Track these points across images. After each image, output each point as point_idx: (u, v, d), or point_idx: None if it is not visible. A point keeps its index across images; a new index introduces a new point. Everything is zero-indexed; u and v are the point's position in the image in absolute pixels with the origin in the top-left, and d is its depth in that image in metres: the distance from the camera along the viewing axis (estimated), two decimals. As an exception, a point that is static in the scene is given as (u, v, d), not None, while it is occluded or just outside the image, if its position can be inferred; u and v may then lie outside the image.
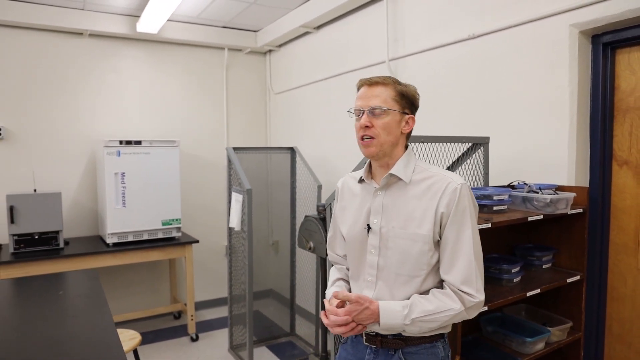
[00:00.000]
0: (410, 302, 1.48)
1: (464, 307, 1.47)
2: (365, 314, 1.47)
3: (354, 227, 1.64)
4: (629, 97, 2.39)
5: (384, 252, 1.55)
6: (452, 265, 1.48)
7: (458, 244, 1.48)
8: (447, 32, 3.09)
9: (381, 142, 1.53)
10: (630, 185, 2.40)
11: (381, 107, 1.52)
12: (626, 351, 2.45)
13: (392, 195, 1.57)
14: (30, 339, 2.05)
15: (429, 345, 1.56)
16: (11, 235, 3.80)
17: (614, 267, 2.48)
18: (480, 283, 1.49)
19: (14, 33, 4.26)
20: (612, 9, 2.22)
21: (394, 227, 1.54)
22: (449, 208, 1.47)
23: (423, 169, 1.57)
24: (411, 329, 1.47)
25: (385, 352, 1.57)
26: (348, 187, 1.74)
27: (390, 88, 1.54)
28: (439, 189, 1.50)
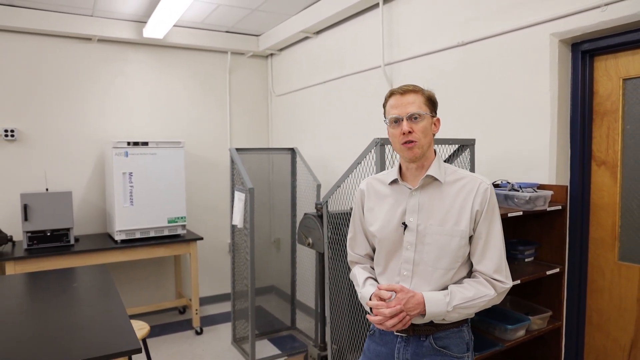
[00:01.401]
0: (450, 290, 1.62)
1: (497, 292, 1.63)
2: (412, 303, 1.59)
3: (387, 226, 1.74)
4: (606, 101, 2.55)
5: (420, 248, 1.67)
6: (484, 256, 1.65)
7: (489, 238, 1.64)
8: (438, 39, 3.26)
9: (422, 144, 1.65)
10: (607, 184, 2.56)
11: (418, 113, 1.64)
12: (605, 340, 2.62)
13: (428, 195, 1.69)
14: (51, 324, 2.24)
15: (456, 329, 1.69)
16: (25, 232, 3.98)
17: (593, 260, 2.64)
18: (508, 271, 1.67)
19: (27, 39, 4.45)
20: (589, 20, 2.38)
21: (431, 225, 1.66)
22: (482, 206, 1.63)
23: (453, 171, 1.72)
24: (452, 315, 1.60)
25: (417, 339, 1.69)
26: (374, 189, 1.83)
27: (420, 94, 1.68)
28: (472, 188, 1.65)
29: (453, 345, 1.69)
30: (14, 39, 4.40)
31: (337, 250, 2.91)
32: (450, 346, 1.69)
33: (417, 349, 1.69)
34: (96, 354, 1.86)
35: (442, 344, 1.68)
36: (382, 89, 3.75)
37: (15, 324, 2.22)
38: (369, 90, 3.91)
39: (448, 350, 1.68)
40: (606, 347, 2.61)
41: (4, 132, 4.35)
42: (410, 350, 1.70)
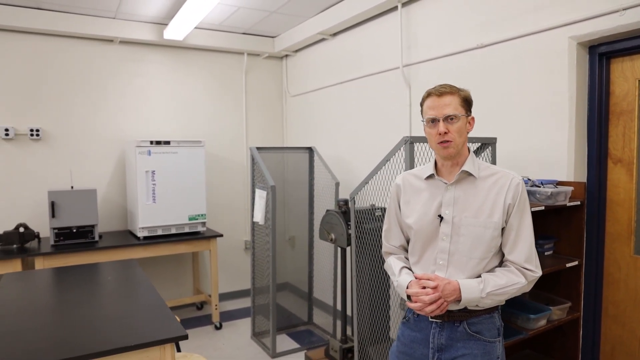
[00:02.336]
0: (483, 278, 1.73)
1: (527, 280, 1.74)
2: (448, 289, 1.70)
3: (424, 218, 1.84)
4: (622, 101, 2.66)
5: (455, 239, 1.78)
6: (515, 247, 1.75)
7: (520, 229, 1.75)
8: (456, 41, 3.37)
9: (457, 144, 1.76)
10: (623, 181, 2.67)
11: (454, 114, 1.74)
12: (620, 330, 2.72)
13: (463, 189, 1.80)
14: (97, 313, 2.36)
15: (488, 316, 1.80)
16: (52, 228, 4.10)
17: (609, 254, 2.75)
18: (537, 261, 1.77)
19: (52, 41, 4.57)
20: (606, 24, 2.49)
21: (466, 217, 1.77)
22: (514, 200, 1.74)
23: (486, 167, 1.83)
24: (485, 301, 1.71)
25: (451, 324, 1.79)
26: (410, 184, 1.94)
27: (456, 96, 1.77)
28: (505, 183, 1.76)
29: (485, 330, 1.79)
30: (39, 40, 4.52)
31: (361, 245, 3.02)
32: (482, 331, 1.79)
33: (452, 334, 1.79)
34: (148, 339, 1.98)
35: (475, 329, 1.78)
36: (400, 90, 3.87)
37: (65, 313, 2.34)
38: (387, 91, 4.02)
39: (481, 335, 1.78)
40: (622, 338, 2.71)
41: (30, 131, 4.48)
42: (445, 335, 1.80)
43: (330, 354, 3.70)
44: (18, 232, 4.05)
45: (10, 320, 2.23)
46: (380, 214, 3.08)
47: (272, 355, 4.05)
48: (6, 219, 4.43)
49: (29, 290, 2.78)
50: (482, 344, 1.79)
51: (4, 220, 4.42)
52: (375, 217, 3.06)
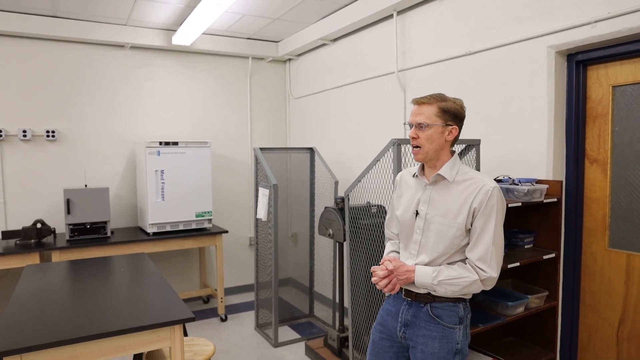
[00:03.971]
0: (439, 268, 1.94)
1: (479, 278, 1.90)
2: (402, 270, 1.97)
3: (407, 212, 2.08)
4: (597, 105, 2.87)
5: (426, 233, 2.00)
6: (475, 247, 1.93)
7: (482, 232, 1.91)
8: (447, 49, 3.59)
9: (426, 150, 1.95)
10: (599, 179, 2.88)
11: (425, 123, 1.94)
12: (596, 318, 2.93)
13: (438, 190, 2.00)
14: (112, 299, 2.60)
15: (452, 304, 1.99)
16: (67, 224, 4.35)
17: (586, 247, 2.95)
18: (494, 263, 1.91)
19: (67, 47, 4.83)
20: (581, 34, 2.69)
21: (436, 215, 1.97)
22: (480, 205, 1.89)
23: (465, 172, 1.99)
24: (438, 288, 1.92)
25: (417, 304, 2.02)
26: (404, 180, 2.18)
27: (433, 106, 1.94)
28: (475, 189, 1.92)
29: (446, 316, 1.99)
30: (55, 47, 4.78)
31: (355, 240, 3.25)
32: (443, 316, 1.99)
33: (416, 313, 2.03)
34: (159, 321, 2.22)
35: (437, 313, 1.99)
36: (395, 94, 4.08)
37: (83, 298, 2.59)
38: (384, 94, 4.24)
39: (441, 319, 1.98)
40: (597, 325, 2.92)
41: (46, 132, 4.73)
42: (411, 312, 2.04)
43: (328, 342, 3.92)
44: (36, 227, 4.30)
45: (34, 305, 2.48)
46: (376, 210, 3.30)
47: (274, 345, 4.28)
48: (24, 215, 4.69)
49: (49, 279, 3.02)
50: (441, 328, 1.98)
51: (22, 216, 4.69)
52: (370, 214, 3.28)
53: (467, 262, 1.96)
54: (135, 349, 2.21)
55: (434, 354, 1.97)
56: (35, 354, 1.98)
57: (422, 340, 2.00)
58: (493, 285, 1.97)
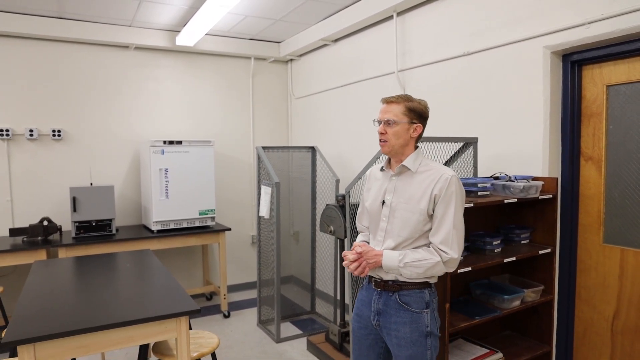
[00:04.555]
0: (404, 252, 2.08)
1: (442, 260, 2.03)
2: (370, 254, 2.12)
3: (375, 202, 2.23)
4: (592, 104, 2.94)
5: (391, 220, 2.14)
6: (437, 231, 2.06)
7: (443, 217, 2.04)
8: (446, 49, 3.66)
9: (392, 144, 2.11)
10: (594, 177, 2.95)
11: (393, 120, 2.10)
12: (591, 312, 3.00)
13: (402, 180, 2.15)
14: (120, 292, 2.68)
15: (418, 291, 2.13)
16: (73, 222, 4.43)
17: (581, 243, 3.02)
18: (455, 245, 2.04)
19: (72, 47, 4.92)
20: (576, 35, 2.77)
21: (400, 202, 2.12)
22: (440, 191, 2.04)
23: (427, 164, 2.14)
24: (404, 271, 2.05)
25: (387, 294, 2.16)
26: (373, 174, 2.34)
27: (401, 105, 2.11)
28: (435, 177, 2.07)
29: (413, 303, 2.12)
30: (60, 47, 4.86)
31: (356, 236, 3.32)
32: (411, 303, 2.12)
33: (387, 301, 2.16)
34: (166, 312, 2.29)
35: (405, 301, 2.12)
36: (395, 93, 4.14)
37: (91, 292, 2.66)
38: (384, 94, 4.26)
39: (409, 306, 2.12)
40: (593, 319, 2.99)
41: (52, 132, 4.82)
42: (382, 301, 2.18)
43: (330, 337, 3.99)
44: (42, 225, 4.38)
45: (45, 298, 2.56)
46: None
47: (276, 340, 4.35)
48: (31, 213, 4.78)
49: (58, 274, 3.10)
50: (410, 313, 2.11)
51: (29, 214, 4.77)
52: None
53: (431, 246, 2.09)
54: (143, 339, 2.28)
55: (406, 338, 2.11)
56: (47, 343, 2.06)
57: (394, 326, 2.13)
58: (455, 267, 2.11)
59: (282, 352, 4.14)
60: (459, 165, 3.15)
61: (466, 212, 2.48)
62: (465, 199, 2.54)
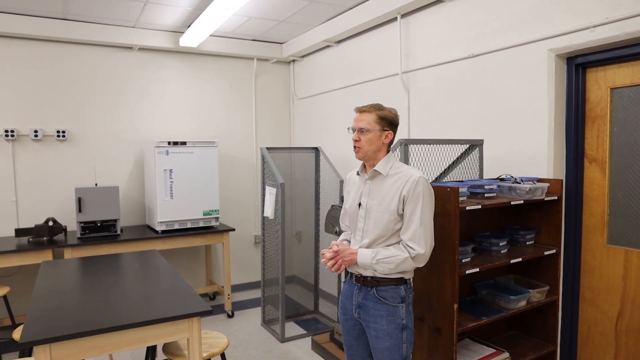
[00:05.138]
0: (377, 250, 2.26)
1: (410, 256, 2.19)
2: (346, 252, 2.30)
3: (353, 204, 2.40)
4: (596, 107, 2.97)
5: (367, 221, 2.32)
6: (406, 229, 2.23)
7: (411, 216, 2.21)
8: (450, 51, 3.69)
9: (365, 150, 2.28)
10: (598, 178, 2.99)
11: (365, 128, 2.26)
12: (595, 312, 3.03)
13: (375, 183, 2.32)
14: (131, 293, 2.70)
15: (394, 286, 2.28)
16: (78, 222, 4.45)
17: (585, 244, 3.06)
18: (422, 242, 2.19)
19: (76, 49, 4.93)
20: (580, 38, 2.80)
21: (374, 204, 2.29)
22: (408, 192, 2.20)
23: (397, 167, 2.30)
24: (377, 267, 2.23)
25: (366, 288, 2.32)
26: (352, 178, 2.50)
27: (373, 114, 2.27)
28: (404, 180, 2.23)
29: (390, 297, 2.28)
30: (64, 48, 4.88)
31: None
32: (387, 297, 2.28)
33: (366, 296, 2.33)
34: (178, 313, 2.32)
35: (382, 295, 2.29)
36: (399, 95, 4.19)
37: (102, 292, 2.69)
38: (387, 95, 4.34)
39: (386, 300, 2.28)
40: (596, 319, 3.03)
41: (57, 132, 4.84)
42: (362, 295, 2.35)
43: (335, 337, 4.02)
44: (48, 225, 4.39)
45: (57, 298, 2.58)
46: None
47: (281, 340, 4.38)
48: (35, 213, 4.80)
49: (67, 275, 3.13)
50: (386, 307, 2.28)
51: (33, 214, 4.79)
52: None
53: (401, 243, 2.25)
54: (156, 340, 2.31)
55: (383, 330, 2.27)
56: (63, 344, 2.08)
57: (372, 319, 2.30)
58: (425, 262, 2.26)
59: (287, 352, 4.17)
60: (464, 167, 3.18)
61: (472, 213, 2.54)
62: (473, 200, 2.59)
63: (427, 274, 2.62)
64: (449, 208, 2.44)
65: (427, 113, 3.94)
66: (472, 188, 2.70)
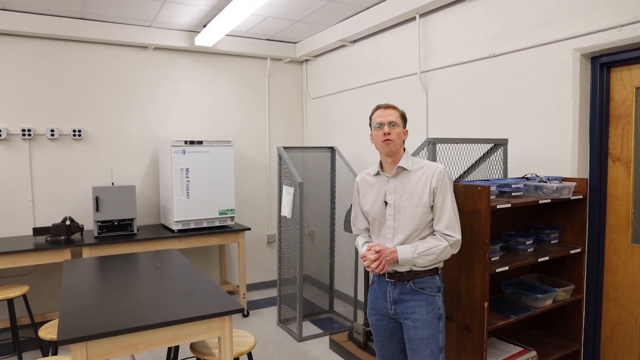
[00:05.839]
0: (415, 244, 2.30)
1: (448, 244, 2.27)
2: (387, 252, 2.30)
3: (375, 204, 2.42)
4: (621, 106, 2.98)
5: (397, 217, 2.35)
6: (440, 219, 2.30)
7: (443, 206, 2.30)
8: (471, 51, 3.69)
9: (395, 144, 2.34)
10: (622, 177, 2.99)
11: (396, 121, 2.35)
12: (619, 311, 3.04)
13: (400, 180, 2.37)
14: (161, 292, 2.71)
15: (430, 277, 2.35)
16: (96, 221, 4.46)
17: (609, 243, 3.06)
18: (457, 228, 2.30)
19: (92, 48, 4.95)
20: (607, 37, 2.81)
21: (404, 200, 2.34)
22: (437, 184, 2.29)
23: (417, 162, 2.39)
24: (418, 260, 2.27)
25: (401, 283, 2.36)
26: (365, 180, 2.54)
27: (397, 110, 2.40)
28: (430, 172, 2.32)
29: (428, 287, 2.35)
30: (81, 48, 4.90)
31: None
32: (425, 288, 2.35)
33: (402, 290, 2.37)
34: (210, 312, 2.33)
35: (420, 286, 2.34)
36: (417, 94, 4.19)
37: (132, 291, 2.70)
38: (405, 94, 4.34)
39: (424, 290, 2.34)
40: (621, 318, 3.03)
41: (73, 132, 4.85)
42: (397, 291, 2.38)
43: (354, 336, 4.03)
44: (65, 224, 4.40)
45: (87, 298, 2.59)
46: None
47: (298, 339, 4.39)
48: (51, 212, 4.81)
49: (91, 274, 3.13)
50: (425, 296, 2.34)
51: (49, 213, 4.80)
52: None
53: (436, 233, 2.32)
54: (188, 338, 2.31)
55: (422, 320, 2.32)
56: (99, 342, 2.09)
57: (411, 309, 2.34)
58: (459, 248, 2.34)
59: (305, 351, 4.18)
60: (488, 166, 3.18)
61: (498, 212, 2.55)
62: (501, 199, 2.60)
63: (456, 273, 2.63)
64: (479, 207, 2.45)
65: (445, 112, 3.95)
66: (499, 187, 2.71)
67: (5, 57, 4.60)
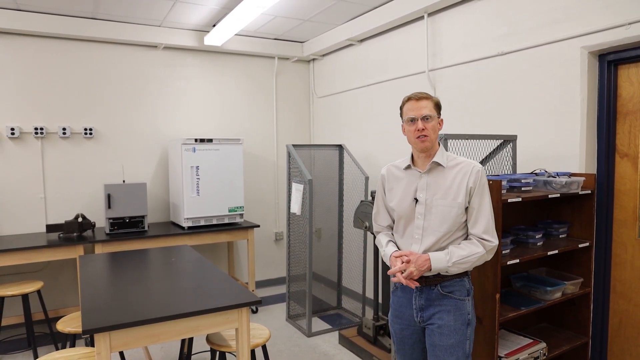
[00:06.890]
0: (449, 250, 2.11)
1: (485, 250, 2.10)
2: (420, 261, 2.08)
3: (403, 201, 2.23)
4: (628, 103, 3.03)
5: (427, 217, 2.16)
6: (476, 222, 2.13)
7: (480, 208, 2.12)
8: (479, 49, 3.75)
9: (431, 139, 2.14)
10: (629, 173, 3.04)
11: (430, 115, 2.13)
12: (626, 305, 3.09)
13: (433, 177, 2.18)
14: (177, 285, 2.77)
15: (458, 280, 2.18)
16: (107, 218, 4.52)
17: (617, 237, 3.11)
18: (495, 233, 2.13)
19: (103, 47, 5.01)
20: (615, 35, 2.85)
21: (436, 199, 2.14)
22: (475, 183, 2.11)
23: (453, 158, 2.20)
24: (452, 269, 2.09)
25: (428, 288, 2.18)
26: (392, 174, 2.32)
27: (431, 101, 2.16)
28: (467, 171, 2.13)
29: (457, 291, 2.17)
30: (91, 47, 4.96)
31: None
32: (454, 292, 2.17)
33: (429, 295, 2.19)
34: (229, 303, 2.38)
35: (448, 290, 2.17)
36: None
37: (149, 285, 2.76)
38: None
39: (453, 295, 2.17)
40: (628, 312, 3.08)
41: (84, 130, 4.91)
42: (424, 297, 2.20)
43: (363, 331, 4.08)
44: (77, 221, 4.47)
45: (106, 290, 2.66)
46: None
47: (308, 335, 4.44)
48: (63, 210, 4.88)
49: (108, 268, 3.19)
50: (454, 301, 2.16)
51: (60, 211, 4.87)
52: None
53: (472, 237, 2.14)
54: (207, 329, 2.37)
55: (449, 326, 2.14)
56: (122, 332, 2.15)
57: (438, 315, 2.17)
58: (494, 254, 2.17)
59: (315, 346, 4.23)
60: (496, 162, 3.24)
61: (508, 206, 2.59)
62: (512, 193, 2.65)
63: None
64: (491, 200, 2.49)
65: (454, 110, 4.00)
66: (510, 182, 2.76)
67: (18, 56, 4.67)
